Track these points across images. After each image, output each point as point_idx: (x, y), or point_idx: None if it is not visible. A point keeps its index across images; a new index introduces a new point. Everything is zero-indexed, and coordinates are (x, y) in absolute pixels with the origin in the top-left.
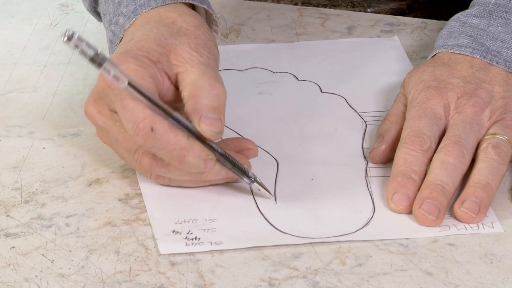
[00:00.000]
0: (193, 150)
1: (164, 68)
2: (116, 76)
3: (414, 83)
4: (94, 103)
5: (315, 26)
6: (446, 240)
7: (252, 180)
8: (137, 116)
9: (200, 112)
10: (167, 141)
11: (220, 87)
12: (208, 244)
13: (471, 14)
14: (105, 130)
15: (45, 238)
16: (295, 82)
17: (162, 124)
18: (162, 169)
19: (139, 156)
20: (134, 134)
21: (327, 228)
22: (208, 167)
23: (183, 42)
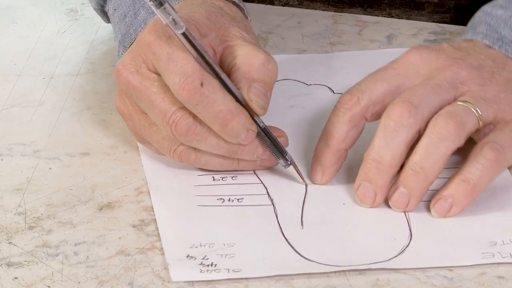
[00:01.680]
0: (239, 116)
1: (210, 43)
2: (175, 20)
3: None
4: (132, 62)
5: (351, 34)
6: (495, 273)
7: (288, 163)
8: (186, 69)
9: (251, 82)
10: (214, 100)
11: (275, 64)
12: (225, 271)
13: (497, 4)
14: (138, 91)
15: (51, 268)
16: (331, 95)
17: (212, 81)
18: (198, 137)
19: (177, 118)
20: (181, 88)
21: (357, 256)
22: (248, 138)
23: (233, 24)
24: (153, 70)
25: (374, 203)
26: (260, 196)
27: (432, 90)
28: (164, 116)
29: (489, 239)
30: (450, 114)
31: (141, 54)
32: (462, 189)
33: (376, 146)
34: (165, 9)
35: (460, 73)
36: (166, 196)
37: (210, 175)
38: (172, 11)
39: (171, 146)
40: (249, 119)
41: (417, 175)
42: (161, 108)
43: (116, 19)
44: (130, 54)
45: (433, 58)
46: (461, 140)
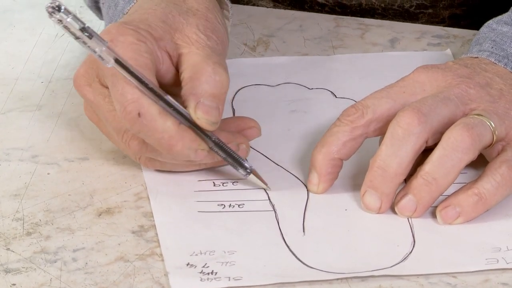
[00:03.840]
0: (183, 140)
1: (166, 46)
2: (101, 56)
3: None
4: (85, 74)
5: (353, 38)
6: (499, 279)
7: (248, 172)
8: (125, 97)
9: (198, 98)
10: (154, 128)
11: (224, 74)
12: (225, 279)
13: (502, 20)
14: (93, 105)
15: (49, 274)
16: (333, 99)
17: (151, 109)
18: (152, 153)
19: (128, 138)
20: (122, 116)
21: (359, 263)
22: (199, 157)
23: (192, 22)
24: (104, 85)
25: (380, 210)
26: (261, 201)
27: (441, 102)
28: (117, 134)
29: (493, 245)
30: (466, 126)
31: (93, 68)
32: (472, 202)
33: (383, 154)
34: (90, 47)
35: (468, 91)
36: (166, 202)
37: (210, 180)
38: (98, 45)
39: (135, 154)
40: (196, 140)
41: (428, 185)
42: (114, 126)
43: (105, 13)
44: (84, 66)
45: (439, 76)
46: (475, 153)
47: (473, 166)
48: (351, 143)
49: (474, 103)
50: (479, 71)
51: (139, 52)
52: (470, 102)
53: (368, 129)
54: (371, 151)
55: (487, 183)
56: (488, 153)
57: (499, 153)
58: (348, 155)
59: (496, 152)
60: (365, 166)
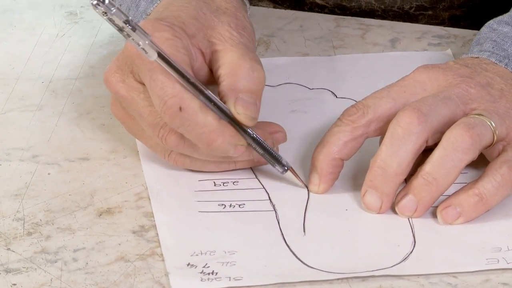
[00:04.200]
0: (224, 135)
1: (199, 44)
2: (144, 49)
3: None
4: (118, 71)
5: (354, 38)
6: (499, 279)
7: (285, 169)
8: (166, 92)
9: (237, 93)
10: (195, 123)
11: (261, 70)
12: (226, 279)
13: (503, 21)
14: (127, 102)
15: (50, 274)
16: (333, 99)
17: (192, 104)
18: (189, 149)
19: (165, 133)
20: (162, 111)
21: (360, 263)
22: (238, 153)
23: (223, 20)
24: (139, 81)
25: (380, 210)
26: (261, 201)
27: (442, 101)
28: (153, 129)
29: (493, 245)
30: (467, 126)
31: (127, 63)
32: (473, 202)
33: (383, 154)
34: (134, 40)
35: (469, 91)
36: (166, 202)
37: (211, 180)
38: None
39: (165, 151)
40: (235, 135)
41: (428, 185)
42: (150, 122)
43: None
44: (117, 62)
45: (440, 76)
46: (475, 153)
47: (474, 166)
48: (352, 143)
49: (474, 102)
50: (480, 71)
51: (176, 48)
52: (470, 101)
53: (368, 129)
54: (372, 151)
55: (487, 183)
56: (488, 153)
57: (499, 153)
58: (349, 155)
59: (497, 152)
60: (366, 166)
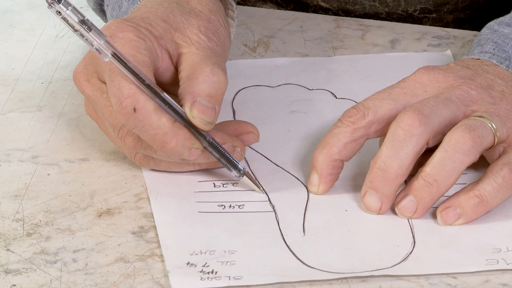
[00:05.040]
0: (177, 137)
1: (166, 45)
2: (98, 49)
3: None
4: (84, 70)
5: (353, 38)
6: (499, 280)
7: (241, 174)
8: (121, 92)
9: (195, 97)
10: (149, 124)
11: (222, 74)
12: (225, 279)
13: (504, 22)
14: (92, 101)
15: (49, 275)
16: (333, 100)
17: (146, 105)
18: (147, 150)
19: (124, 134)
20: (117, 111)
21: (359, 263)
22: (192, 156)
23: (193, 23)
24: (103, 80)
25: (380, 211)
26: (261, 202)
27: (443, 103)
28: (113, 130)
29: (493, 245)
30: (468, 128)
31: (92, 63)
32: (473, 204)
33: (384, 155)
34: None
35: (470, 93)
36: (166, 203)
37: (210, 181)
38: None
39: (131, 152)
40: (190, 138)
41: (429, 187)
42: (110, 122)
43: (109, 15)
44: (84, 62)
45: (441, 77)
46: (476, 155)
47: (474, 167)
48: (352, 144)
49: (475, 104)
50: (481, 73)
51: (137, 49)
52: (471, 103)
53: (369, 130)
54: (372, 152)
55: (488, 185)
56: (489, 155)
57: (500, 155)
58: (349, 156)
59: (497, 154)
60: (366, 167)
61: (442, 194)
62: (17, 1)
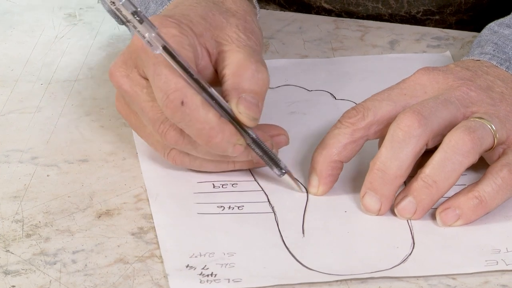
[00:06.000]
0: (223, 132)
1: (205, 43)
2: (150, 41)
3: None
4: (123, 65)
5: (353, 39)
6: (498, 281)
7: (283, 172)
8: (168, 86)
9: (241, 93)
10: (196, 118)
11: (266, 72)
12: (225, 281)
13: (504, 23)
14: (129, 96)
15: (49, 276)
16: (332, 101)
17: (194, 99)
18: (188, 146)
19: (165, 129)
20: (163, 105)
21: (359, 264)
22: (236, 152)
23: (232, 22)
24: (143, 76)
25: (380, 212)
26: (260, 203)
27: (442, 104)
28: (154, 125)
29: (492, 246)
30: (468, 130)
31: (132, 58)
32: (473, 205)
33: (383, 156)
34: (140, 32)
35: (469, 94)
36: (165, 204)
37: (210, 182)
38: (148, 31)
39: (165, 149)
40: (235, 134)
41: (428, 188)
42: (151, 117)
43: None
44: (122, 57)
45: (440, 79)
46: (476, 156)
47: (473, 168)
48: (352, 146)
49: (475, 106)
50: (481, 74)
51: (181, 44)
52: (471, 105)
53: (368, 131)
54: (371, 153)
55: (487, 186)
56: (488, 156)
57: (499, 156)
58: (349, 158)
59: (497, 155)
60: (365, 168)
61: (441, 195)
62: (16, 2)
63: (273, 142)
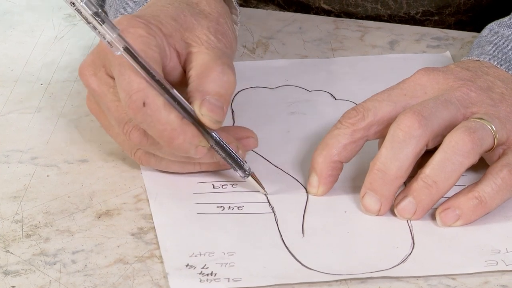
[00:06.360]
0: (185, 134)
1: (175, 44)
2: (110, 43)
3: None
4: (91, 64)
5: (353, 40)
6: (498, 281)
7: (246, 174)
8: (131, 86)
9: (204, 95)
10: (158, 119)
11: (232, 75)
12: (225, 280)
13: (504, 23)
14: (97, 95)
15: (48, 276)
16: (332, 101)
17: (156, 100)
18: (152, 147)
19: (129, 129)
20: (126, 105)
21: (359, 264)
22: (199, 153)
23: (203, 24)
24: (110, 75)
25: (379, 213)
26: (260, 204)
27: (442, 105)
28: (119, 124)
29: (492, 246)
30: (468, 130)
31: (100, 57)
32: (473, 205)
33: (383, 156)
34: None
35: (470, 94)
36: (165, 204)
37: (210, 182)
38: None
39: (131, 149)
40: (197, 136)
41: (428, 188)
42: (116, 117)
43: (112, 16)
44: (91, 56)
45: (441, 79)
46: (476, 157)
47: (473, 169)
48: (352, 146)
49: (475, 106)
50: (481, 75)
51: (148, 45)
52: (471, 105)
53: (368, 132)
54: (371, 153)
55: (487, 186)
56: (488, 157)
57: (499, 156)
58: (349, 158)
59: (497, 156)
60: (365, 168)
61: (441, 195)
62: (16, 2)
63: (238, 144)
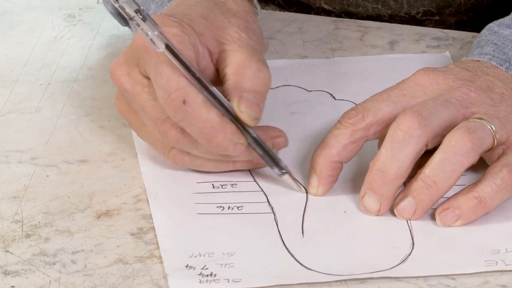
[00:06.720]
0: (225, 131)
1: (207, 43)
2: (152, 40)
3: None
4: (124, 64)
5: (352, 40)
6: (498, 281)
7: (283, 172)
8: (170, 85)
9: (242, 92)
10: (198, 117)
11: (267, 72)
12: (224, 281)
13: (504, 23)
14: (130, 95)
15: (48, 276)
16: (332, 101)
17: (196, 98)
18: (189, 145)
19: (167, 127)
20: (165, 103)
21: (358, 265)
22: (237, 151)
23: (233, 22)
24: (144, 75)
25: (379, 213)
26: (260, 204)
27: (442, 105)
28: (155, 124)
29: (492, 247)
30: (468, 130)
31: (134, 57)
32: (472, 205)
33: (383, 156)
34: (143, 29)
35: (469, 94)
36: (165, 204)
37: (209, 182)
38: (151, 29)
39: (165, 148)
40: (236, 133)
41: (428, 188)
42: (152, 116)
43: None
44: (124, 56)
45: (440, 79)
46: (476, 157)
47: (473, 169)
48: (352, 146)
49: (475, 106)
50: (480, 75)
51: (183, 43)
52: (471, 105)
53: (368, 132)
54: (371, 153)
55: (487, 186)
56: (488, 157)
57: (499, 156)
58: (349, 158)
59: (497, 156)
60: (365, 168)
61: (441, 196)
62: (16, 2)
63: (274, 142)
